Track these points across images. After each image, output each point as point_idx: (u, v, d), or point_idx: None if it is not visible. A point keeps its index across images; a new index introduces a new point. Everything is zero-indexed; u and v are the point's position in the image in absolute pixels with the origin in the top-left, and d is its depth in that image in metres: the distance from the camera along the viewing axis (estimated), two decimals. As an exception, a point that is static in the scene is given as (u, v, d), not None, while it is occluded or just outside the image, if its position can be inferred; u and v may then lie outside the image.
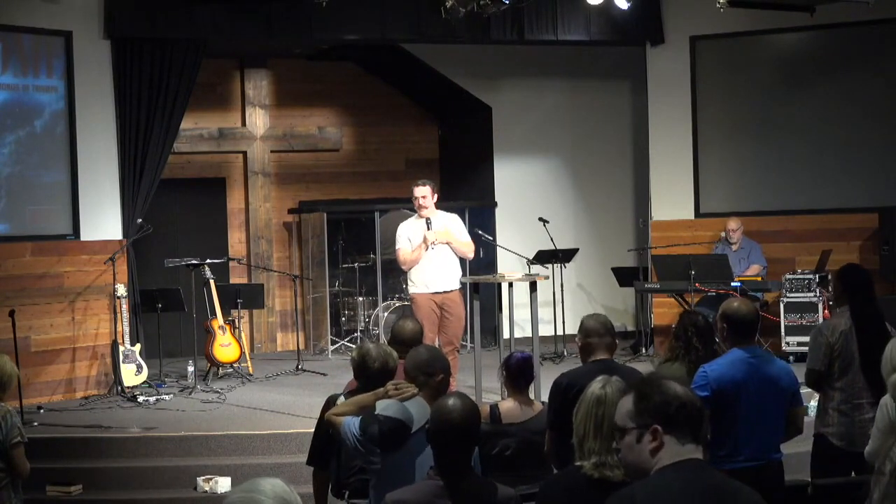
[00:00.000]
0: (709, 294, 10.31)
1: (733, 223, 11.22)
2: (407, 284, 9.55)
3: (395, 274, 12.27)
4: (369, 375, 5.20)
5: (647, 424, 2.95)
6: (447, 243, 9.17)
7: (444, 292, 9.13)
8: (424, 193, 9.15)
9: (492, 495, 4.11)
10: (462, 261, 9.47)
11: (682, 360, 5.88)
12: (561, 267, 12.26)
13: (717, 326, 5.55)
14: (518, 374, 5.84)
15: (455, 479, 4.05)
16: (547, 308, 12.04)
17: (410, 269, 9.24)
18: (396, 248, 9.29)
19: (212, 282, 11.06)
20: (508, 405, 5.79)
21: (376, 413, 4.72)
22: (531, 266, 11.65)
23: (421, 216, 9.20)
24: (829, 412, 5.99)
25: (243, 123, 13.27)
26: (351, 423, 4.76)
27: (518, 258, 11.60)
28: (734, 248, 11.17)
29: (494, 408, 5.78)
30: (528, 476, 5.38)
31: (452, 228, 9.30)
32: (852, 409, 5.91)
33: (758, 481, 5.21)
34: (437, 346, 8.75)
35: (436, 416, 4.15)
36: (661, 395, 2.96)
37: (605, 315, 5.71)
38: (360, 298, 12.77)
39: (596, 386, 4.02)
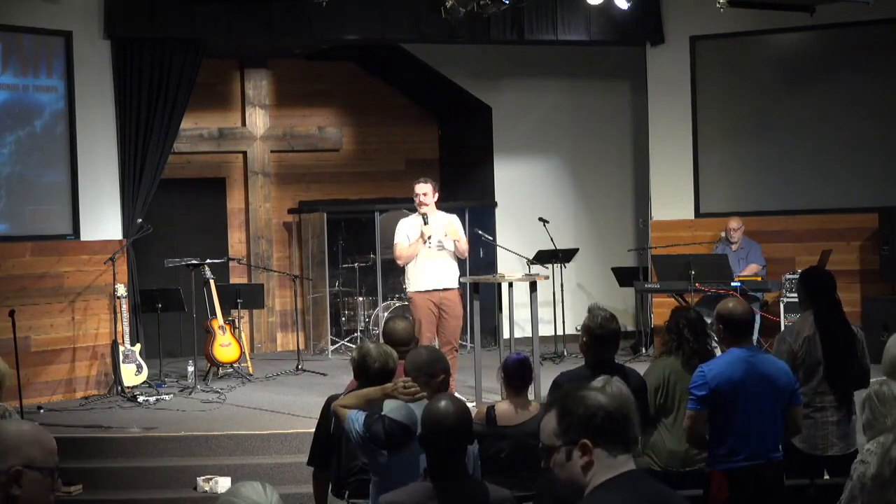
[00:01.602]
0: (709, 294, 10.31)
1: (734, 223, 11.22)
2: (405, 283, 9.53)
3: (395, 274, 12.26)
4: (369, 375, 5.19)
5: (574, 440, 2.83)
6: (456, 241, 9.17)
7: (442, 291, 9.13)
8: (425, 190, 9.16)
9: (484, 497, 4.10)
10: (461, 260, 9.46)
11: (675, 354, 5.91)
12: (561, 267, 12.26)
13: (714, 328, 5.56)
14: (514, 375, 5.82)
15: (447, 481, 4.04)
16: (547, 308, 12.05)
17: (406, 264, 9.27)
18: (395, 242, 9.31)
19: (212, 282, 11.06)
20: (504, 407, 5.78)
21: (383, 413, 4.71)
22: (531, 266, 11.65)
23: (420, 213, 9.21)
24: None
25: (243, 123, 13.27)
26: (355, 419, 4.75)
27: (518, 258, 11.60)
28: (734, 247, 11.17)
29: (491, 409, 5.77)
30: (525, 479, 5.37)
31: (451, 228, 9.29)
32: (815, 412, 5.90)
33: (758, 480, 5.23)
34: (435, 345, 8.77)
35: (427, 420, 4.13)
36: (585, 408, 2.84)
37: (610, 312, 5.67)
38: (360, 298, 12.77)
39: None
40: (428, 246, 9.10)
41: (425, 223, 9.11)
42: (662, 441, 5.93)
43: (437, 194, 9.28)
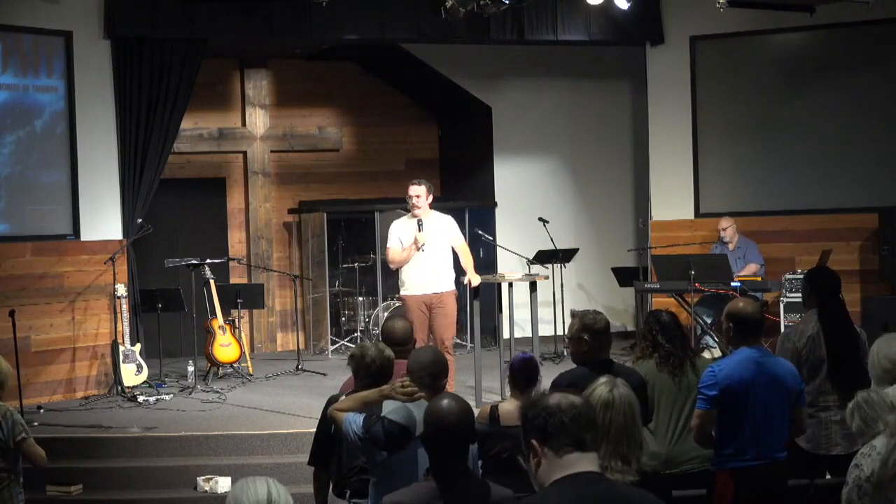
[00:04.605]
0: (708, 294, 10.31)
1: (724, 222, 11.22)
2: (399, 285, 9.47)
3: (395, 274, 12.22)
4: (367, 374, 5.20)
5: (527, 442, 2.96)
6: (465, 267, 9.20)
7: (434, 294, 9.10)
8: (419, 193, 9.08)
9: (486, 496, 4.09)
10: (456, 262, 9.40)
11: (650, 358, 5.92)
12: (561, 267, 12.26)
13: (723, 327, 5.56)
14: (519, 374, 5.81)
15: (450, 480, 4.03)
16: (547, 308, 12.04)
17: (398, 268, 9.22)
18: (388, 246, 9.27)
19: (212, 282, 11.06)
20: (507, 407, 5.76)
21: (382, 415, 4.70)
22: (531, 266, 11.65)
23: (414, 216, 9.16)
24: None
25: (243, 123, 13.27)
26: (353, 420, 4.74)
27: (518, 258, 11.60)
28: (730, 247, 11.17)
29: (494, 409, 5.76)
30: (527, 479, 5.35)
31: (447, 230, 9.24)
32: (819, 411, 5.90)
33: (763, 480, 5.23)
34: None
35: (430, 419, 4.12)
36: (535, 410, 2.96)
37: (602, 313, 5.71)
38: (360, 298, 12.77)
39: (604, 390, 3.97)
40: (422, 251, 9.06)
41: (420, 229, 9.04)
42: (646, 443, 5.92)
43: (431, 196, 9.20)
